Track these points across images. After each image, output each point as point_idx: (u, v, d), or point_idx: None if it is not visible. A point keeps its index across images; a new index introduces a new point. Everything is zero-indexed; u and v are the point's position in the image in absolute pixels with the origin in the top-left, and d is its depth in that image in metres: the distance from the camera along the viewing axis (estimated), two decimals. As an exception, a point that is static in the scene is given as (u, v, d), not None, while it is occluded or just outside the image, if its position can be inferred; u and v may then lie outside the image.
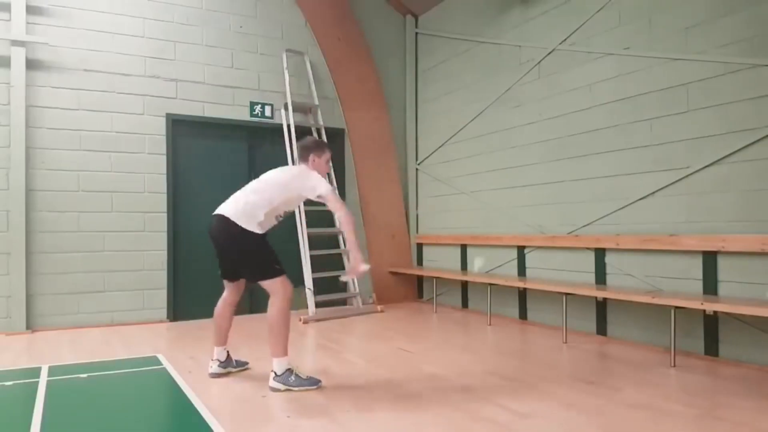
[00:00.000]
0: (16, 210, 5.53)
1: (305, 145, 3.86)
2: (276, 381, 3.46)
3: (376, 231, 7.47)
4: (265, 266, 3.54)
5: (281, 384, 3.45)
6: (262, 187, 3.63)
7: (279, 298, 3.49)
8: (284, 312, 3.50)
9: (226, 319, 3.85)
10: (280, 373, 3.46)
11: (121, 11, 6.09)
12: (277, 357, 3.48)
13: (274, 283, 3.50)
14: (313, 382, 3.51)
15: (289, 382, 3.45)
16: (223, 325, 3.84)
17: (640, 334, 4.74)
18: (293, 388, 3.44)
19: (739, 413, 2.98)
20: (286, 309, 3.51)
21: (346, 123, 7.39)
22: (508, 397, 3.27)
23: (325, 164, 3.84)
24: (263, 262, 3.54)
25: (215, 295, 3.97)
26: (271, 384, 3.48)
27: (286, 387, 3.45)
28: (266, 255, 3.57)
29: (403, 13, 7.89)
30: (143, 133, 6.16)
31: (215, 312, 3.86)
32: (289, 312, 3.54)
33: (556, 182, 5.62)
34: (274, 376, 3.48)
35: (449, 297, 7.12)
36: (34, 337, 5.32)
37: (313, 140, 3.99)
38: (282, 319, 3.48)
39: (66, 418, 3.05)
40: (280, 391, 3.44)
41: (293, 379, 3.46)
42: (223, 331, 3.84)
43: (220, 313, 3.85)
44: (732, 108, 4.15)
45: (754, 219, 4.01)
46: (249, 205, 3.52)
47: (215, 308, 3.87)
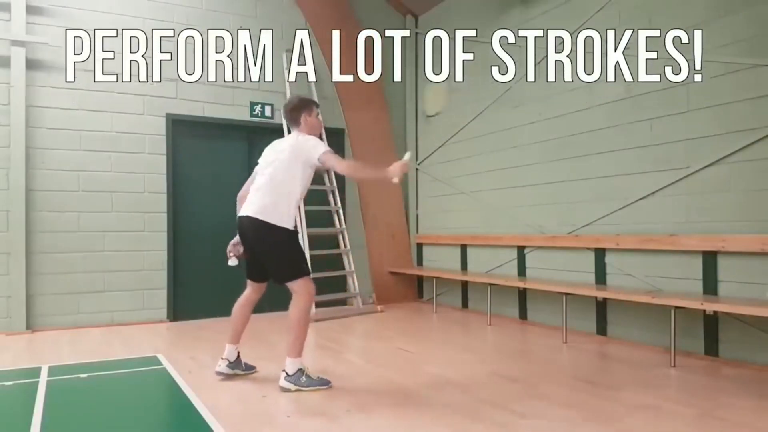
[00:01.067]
0: (16, 210, 5.53)
1: (294, 106, 3.69)
2: (287, 381, 3.43)
3: (376, 231, 7.47)
4: (294, 265, 3.49)
5: (292, 384, 3.42)
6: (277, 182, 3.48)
7: (303, 299, 3.46)
8: (307, 312, 3.48)
9: (244, 317, 3.78)
10: (291, 373, 3.43)
11: (121, 11, 6.09)
12: (293, 357, 3.45)
13: (298, 284, 3.47)
14: (324, 383, 3.49)
15: (300, 383, 3.42)
16: (240, 323, 3.77)
17: (640, 334, 4.73)
18: (304, 389, 3.41)
19: (739, 413, 2.98)
20: (308, 309, 3.50)
21: (346, 123, 7.39)
22: (508, 397, 3.27)
23: (317, 121, 3.72)
24: (293, 261, 3.49)
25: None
26: (282, 384, 3.44)
27: (297, 387, 3.41)
28: (297, 253, 3.53)
29: (403, 13, 7.89)
30: (143, 133, 6.16)
31: (234, 308, 3.78)
32: (309, 313, 3.52)
33: (556, 182, 5.62)
34: (286, 375, 3.44)
35: (449, 297, 7.12)
36: (34, 337, 5.32)
37: (298, 98, 3.79)
38: (304, 319, 3.47)
39: (66, 418, 3.04)
40: (290, 391, 3.41)
41: (304, 380, 3.43)
42: (238, 328, 3.77)
43: (240, 310, 3.77)
44: (732, 108, 4.15)
45: (754, 219, 4.01)
46: (271, 201, 3.44)
47: (235, 304, 3.79)
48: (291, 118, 3.70)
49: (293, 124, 3.70)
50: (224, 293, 4.68)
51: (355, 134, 7.44)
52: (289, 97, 3.86)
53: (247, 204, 3.55)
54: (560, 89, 5.56)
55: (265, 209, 3.44)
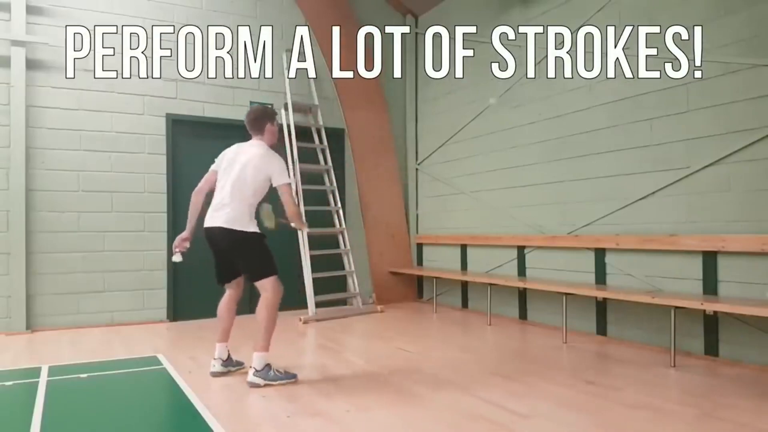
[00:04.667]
0: (16, 210, 5.52)
1: (260, 115, 3.84)
2: (256, 376, 3.54)
3: (376, 231, 7.47)
4: (264, 265, 3.67)
5: (261, 379, 3.53)
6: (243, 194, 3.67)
7: (271, 295, 3.61)
8: (274, 309, 3.64)
9: (230, 316, 3.95)
10: (260, 368, 3.55)
11: (121, 11, 6.09)
12: (261, 351, 3.57)
13: (267, 282, 3.63)
14: (290, 376, 3.62)
15: (269, 377, 3.55)
16: (227, 321, 3.94)
17: (640, 334, 4.73)
18: (273, 383, 3.54)
19: (739, 413, 2.98)
20: (275, 306, 3.65)
21: (346, 123, 7.39)
22: (508, 397, 3.27)
23: (276, 131, 3.90)
24: (263, 261, 3.68)
25: (215, 295, 4.00)
26: (251, 379, 3.55)
27: (266, 382, 3.53)
28: (266, 254, 3.70)
29: (403, 13, 7.89)
30: (143, 133, 6.16)
31: (219, 308, 3.95)
32: (277, 309, 3.67)
33: (556, 182, 5.62)
34: (255, 371, 3.55)
35: (449, 297, 7.12)
36: (34, 337, 5.32)
37: (262, 108, 3.96)
38: (272, 315, 3.62)
39: (66, 418, 3.04)
40: (260, 386, 3.52)
41: (272, 374, 3.56)
42: (226, 327, 3.93)
43: (225, 308, 3.94)
44: (732, 108, 4.15)
45: (754, 219, 4.01)
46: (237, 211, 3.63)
47: (219, 305, 3.96)
48: (255, 126, 3.85)
49: (256, 132, 3.86)
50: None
51: (355, 134, 7.43)
52: (252, 107, 4.14)
53: (214, 213, 3.70)
54: (560, 89, 5.56)
55: (235, 220, 3.63)
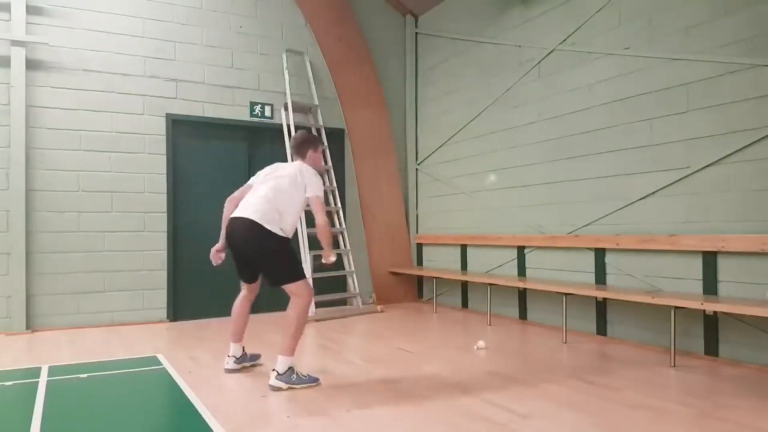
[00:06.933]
0: (16, 210, 5.52)
1: (304, 140, 3.90)
2: (278, 379, 3.48)
3: (376, 231, 7.47)
4: (291, 269, 3.61)
5: (284, 383, 3.47)
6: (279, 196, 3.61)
7: (302, 300, 3.56)
8: (305, 313, 3.60)
9: (243, 316, 3.97)
10: (282, 372, 3.49)
11: (121, 11, 6.09)
12: (286, 355, 3.52)
13: (298, 286, 3.57)
14: (313, 380, 3.58)
15: (291, 381, 3.49)
16: (240, 321, 3.95)
17: (640, 334, 4.74)
18: (296, 386, 3.48)
19: (739, 413, 2.98)
20: (307, 310, 3.62)
21: (346, 123, 7.39)
22: (508, 397, 3.27)
23: (320, 158, 3.94)
24: (290, 265, 3.62)
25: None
26: (273, 383, 3.49)
27: (288, 385, 3.48)
28: (293, 258, 3.67)
29: (403, 13, 7.89)
30: (143, 133, 6.16)
31: (233, 308, 3.97)
32: (308, 314, 3.64)
33: (556, 182, 5.62)
34: (277, 374, 3.49)
35: (449, 297, 7.12)
36: (34, 337, 5.32)
37: (306, 134, 4.02)
38: (303, 319, 3.58)
39: (66, 418, 3.04)
40: (282, 389, 3.46)
41: (295, 378, 3.51)
42: (240, 327, 3.95)
43: (238, 309, 3.96)
44: (732, 108, 4.15)
45: (754, 219, 4.01)
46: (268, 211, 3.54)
47: (233, 305, 3.98)
48: (298, 151, 3.89)
49: (299, 156, 3.88)
50: (224, 293, 4.71)
51: (355, 134, 7.43)
52: (299, 132, 4.16)
53: (245, 208, 3.62)
54: (559, 89, 5.56)
55: (264, 216, 3.53)
